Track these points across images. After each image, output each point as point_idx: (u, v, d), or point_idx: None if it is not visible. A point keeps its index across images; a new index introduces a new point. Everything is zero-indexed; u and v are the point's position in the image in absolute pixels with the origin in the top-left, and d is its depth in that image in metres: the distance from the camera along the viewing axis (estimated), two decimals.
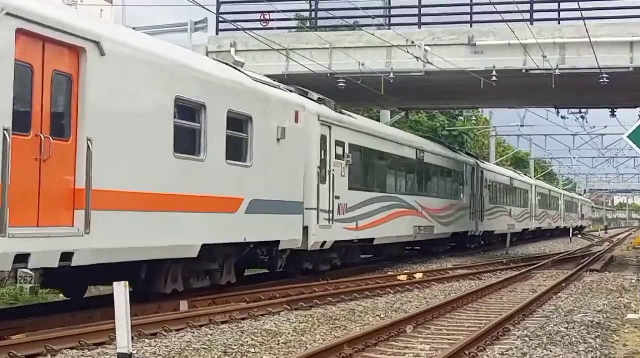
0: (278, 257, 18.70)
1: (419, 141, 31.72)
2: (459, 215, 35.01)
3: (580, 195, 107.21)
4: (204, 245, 14.87)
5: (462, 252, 36.85)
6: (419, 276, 22.95)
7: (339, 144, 21.79)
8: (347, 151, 22.23)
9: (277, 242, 18.03)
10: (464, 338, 11.92)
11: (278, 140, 17.54)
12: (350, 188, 22.47)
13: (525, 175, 65.59)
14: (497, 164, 56.62)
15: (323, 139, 20.66)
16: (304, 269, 21.06)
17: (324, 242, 20.77)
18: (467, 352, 10.83)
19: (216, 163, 15.30)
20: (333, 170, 21.16)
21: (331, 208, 21.05)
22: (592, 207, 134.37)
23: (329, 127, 21.05)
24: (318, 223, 20.17)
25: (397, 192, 27.10)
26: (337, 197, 21.44)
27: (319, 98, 21.42)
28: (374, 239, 24.69)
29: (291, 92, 19.67)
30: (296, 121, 18.55)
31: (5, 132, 10.44)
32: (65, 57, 11.75)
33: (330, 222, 20.97)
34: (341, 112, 22.66)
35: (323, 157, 20.65)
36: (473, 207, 37.63)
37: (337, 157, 21.59)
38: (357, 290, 18.32)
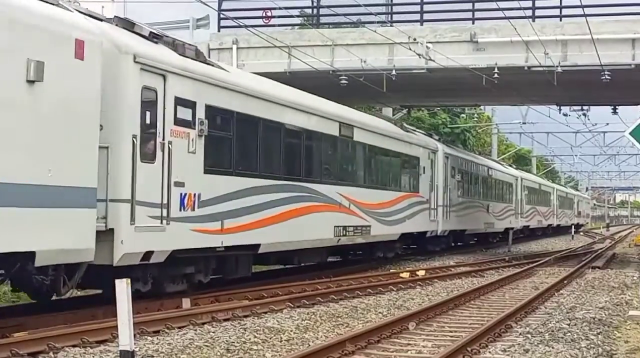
0: (58, 277, 12.02)
1: (343, 112, 22.96)
2: (412, 212, 27.73)
3: (577, 190, 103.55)
4: None
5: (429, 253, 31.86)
6: (421, 273, 22.98)
7: (185, 103, 14.70)
8: (200, 115, 15.14)
9: (30, 255, 10.91)
10: (466, 335, 11.92)
11: (30, 82, 10.78)
12: (208, 172, 15.39)
13: (511, 166, 57.32)
14: (499, 162, 54.04)
15: (148, 92, 13.78)
16: (135, 291, 12.51)
17: (149, 253, 13.69)
18: (469, 349, 10.83)
19: None
20: (170, 143, 14.15)
21: (165, 201, 14.02)
22: (592, 203, 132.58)
23: (163, 77, 14.08)
24: (133, 222, 13.17)
25: (305, 180, 19.70)
26: (180, 184, 14.44)
27: (152, 33, 14.65)
28: (259, 246, 17.48)
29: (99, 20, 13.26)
30: (78, 56, 11.67)
31: None
32: None
33: (164, 222, 13.98)
34: (207, 62, 16.25)
35: (149, 121, 13.75)
36: (434, 202, 30.54)
37: (180, 122, 14.56)
38: (359, 288, 18.33)
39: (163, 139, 14.07)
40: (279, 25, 28.59)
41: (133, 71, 13.44)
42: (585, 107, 38.75)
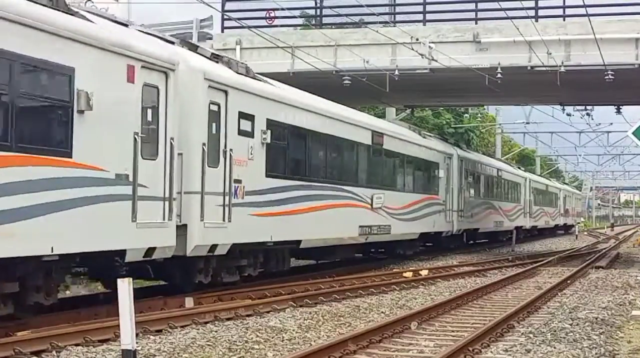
0: None
1: None
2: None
3: (565, 183, 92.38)
4: None
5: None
6: (424, 273, 23.00)
7: None
8: None
9: None
10: (468, 334, 11.93)
11: None
12: None
13: (435, 135, 35.99)
14: (503, 162, 50.11)
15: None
16: None
17: None
18: (470, 349, 10.84)
19: None
20: None
21: None
22: (591, 200, 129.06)
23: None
24: None
25: None
26: None
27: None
28: None
29: None
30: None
31: None
32: None
33: None
34: None
35: None
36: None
37: None
38: (362, 287, 18.36)
39: None
40: (282, 26, 28.63)
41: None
42: (588, 107, 38.84)
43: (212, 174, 15.72)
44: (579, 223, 68.79)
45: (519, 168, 56.83)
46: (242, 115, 16.91)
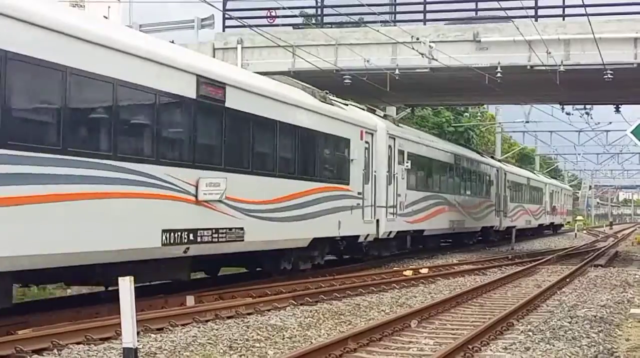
0: None
1: None
2: None
3: (555, 178, 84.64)
4: None
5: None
6: (424, 271, 23.05)
7: None
8: None
9: None
10: (468, 332, 11.98)
11: None
12: None
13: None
14: (503, 162, 50.46)
15: None
16: None
17: None
18: (470, 347, 10.89)
19: None
20: None
21: None
22: (589, 199, 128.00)
23: None
24: None
25: None
26: None
27: None
28: None
29: None
30: None
31: None
32: None
33: None
34: None
35: None
36: None
37: None
38: (362, 285, 18.41)
39: None
40: (283, 25, 28.68)
41: None
42: (588, 106, 38.85)
43: None
44: (568, 222, 65.97)
45: (492, 157, 48.26)
46: None
